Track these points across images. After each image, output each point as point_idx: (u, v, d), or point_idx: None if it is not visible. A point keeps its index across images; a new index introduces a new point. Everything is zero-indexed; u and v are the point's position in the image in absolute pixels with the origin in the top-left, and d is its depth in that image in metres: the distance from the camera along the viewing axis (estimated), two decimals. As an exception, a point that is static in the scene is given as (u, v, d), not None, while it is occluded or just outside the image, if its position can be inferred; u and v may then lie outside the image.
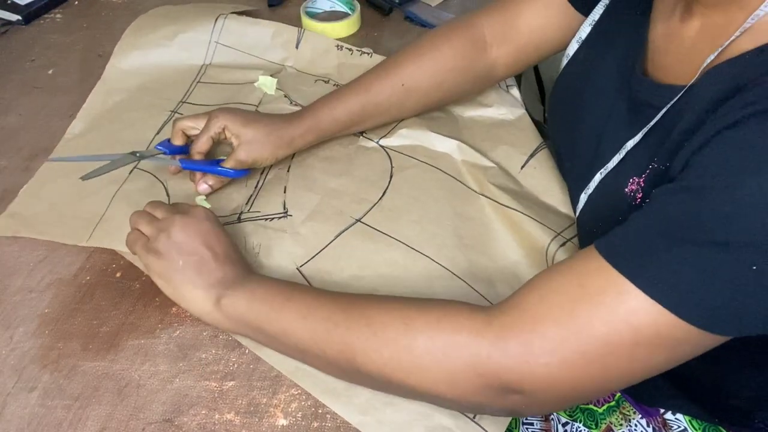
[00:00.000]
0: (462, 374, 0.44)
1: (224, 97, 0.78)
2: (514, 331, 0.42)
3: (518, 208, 0.64)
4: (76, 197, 0.66)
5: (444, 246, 0.62)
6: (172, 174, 0.68)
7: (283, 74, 0.83)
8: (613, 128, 0.54)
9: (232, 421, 0.50)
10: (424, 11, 0.96)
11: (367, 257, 0.61)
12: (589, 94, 0.59)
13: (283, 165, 0.70)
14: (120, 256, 0.62)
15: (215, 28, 0.84)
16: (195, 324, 0.56)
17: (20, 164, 0.72)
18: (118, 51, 0.82)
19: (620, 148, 0.51)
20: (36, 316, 0.57)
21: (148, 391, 0.52)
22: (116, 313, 0.57)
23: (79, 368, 0.53)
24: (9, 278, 0.60)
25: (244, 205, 0.66)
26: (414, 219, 0.64)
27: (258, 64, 0.84)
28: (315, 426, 0.50)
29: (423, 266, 0.60)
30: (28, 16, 0.95)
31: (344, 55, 0.85)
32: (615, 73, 0.56)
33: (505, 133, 0.74)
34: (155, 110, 0.76)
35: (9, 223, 0.64)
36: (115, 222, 0.63)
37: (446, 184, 0.68)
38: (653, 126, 0.48)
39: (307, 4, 0.92)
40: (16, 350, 0.55)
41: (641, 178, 0.48)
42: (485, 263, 0.61)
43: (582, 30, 0.63)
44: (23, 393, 0.52)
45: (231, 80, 0.81)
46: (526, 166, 0.70)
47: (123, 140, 0.72)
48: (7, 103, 0.81)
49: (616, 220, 0.49)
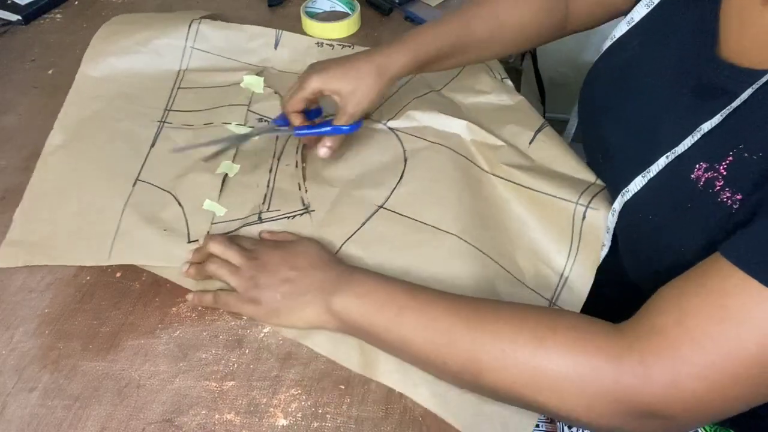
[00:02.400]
0: (600, 399, 0.43)
1: (211, 101, 0.77)
2: (657, 358, 0.41)
3: (533, 186, 0.65)
4: (78, 217, 0.63)
5: (468, 225, 0.62)
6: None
7: (266, 74, 0.82)
8: (676, 112, 0.53)
9: (232, 421, 0.50)
10: (424, 11, 0.96)
11: (396, 240, 0.61)
12: (645, 78, 0.58)
13: (290, 161, 0.70)
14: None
15: (190, 34, 0.83)
16: (195, 324, 0.56)
17: (20, 164, 0.72)
18: (88, 58, 0.79)
19: (691, 132, 0.50)
20: (36, 316, 0.57)
21: (148, 391, 0.52)
22: (116, 313, 0.57)
23: (79, 368, 0.54)
24: (9, 278, 0.60)
25: (261, 204, 0.65)
26: (434, 201, 0.64)
27: (237, 66, 0.83)
28: (315, 426, 0.50)
29: (450, 245, 0.60)
30: (28, 16, 0.95)
31: (325, 52, 0.85)
32: (678, 56, 0.55)
33: (508, 116, 0.75)
34: (142, 120, 0.74)
35: (15, 252, 0.61)
36: (131, 236, 0.61)
37: (459, 164, 0.68)
38: (733, 111, 0.47)
39: (307, 4, 0.92)
40: (16, 350, 0.55)
41: (720, 165, 0.46)
42: (505, 240, 0.62)
43: (635, 11, 0.62)
44: (23, 393, 0.52)
45: (213, 83, 0.80)
46: (534, 140, 0.71)
47: (115, 152, 0.70)
48: (7, 103, 0.81)
49: (676, 204, 0.48)
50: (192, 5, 0.98)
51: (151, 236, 0.61)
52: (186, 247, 0.61)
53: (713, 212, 0.47)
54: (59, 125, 0.73)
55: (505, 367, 0.45)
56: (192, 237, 0.62)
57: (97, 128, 0.73)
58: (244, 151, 0.71)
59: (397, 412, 0.51)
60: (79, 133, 0.72)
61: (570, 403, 0.44)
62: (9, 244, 0.62)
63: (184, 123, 0.74)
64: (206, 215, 0.64)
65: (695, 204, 0.48)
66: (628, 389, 0.42)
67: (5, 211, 0.66)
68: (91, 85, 0.78)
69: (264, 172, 0.69)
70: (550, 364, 0.44)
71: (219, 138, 0.67)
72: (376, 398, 0.51)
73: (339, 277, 0.53)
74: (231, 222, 0.64)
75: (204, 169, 0.68)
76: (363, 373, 0.53)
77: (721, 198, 0.46)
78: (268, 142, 0.73)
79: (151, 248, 0.61)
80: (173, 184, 0.67)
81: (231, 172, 0.68)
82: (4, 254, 0.61)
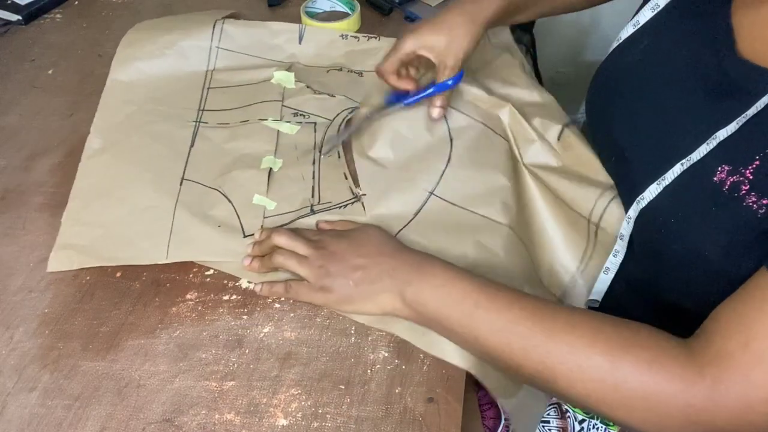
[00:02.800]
0: (673, 420, 0.44)
1: (243, 99, 0.77)
2: (729, 384, 0.42)
3: (558, 188, 0.66)
4: (130, 217, 0.63)
5: (515, 217, 0.64)
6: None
7: (294, 69, 0.82)
8: (689, 117, 0.53)
9: (232, 421, 0.50)
10: (424, 11, 0.96)
11: (451, 228, 0.62)
12: (653, 81, 0.58)
13: (331, 152, 0.71)
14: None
15: (214, 34, 0.83)
16: (195, 324, 0.56)
17: (20, 164, 0.72)
18: (116, 65, 0.80)
19: (706, 138, 0.50)
20: (36, 316, 0.57)
21: (148, 391, 0.52)
22: (116, 313, 0.57)
23: (79, 368, 0.54)
24: (9, 278, 0.60)
25: (311, 198, 0.66)
26: (483, 189, 0.65)
27: (264, 64, 0.84)
28: (315, 426, 0.50)
29: (504, 237, 0.62)
30: (28, 16, 0.94)
31: (350, 43, 0.85)
32: (689, 60, 0.55)
33: (537, 111, 0.75)
34: (177, 121, 0.74)
35: (68, 255, 0.61)
36: (187, 234, 0.62)
37: (502, 148, 0.69)
38: (758, 114, 0.47)
39: (307, 4, 0.93)
40: (16, 350, 0.55)
41: (746, 169, 0.47)
42: (530, 234, 0.65)
43: (641, 14, 0.62)
44: (23, 393, 0.52)
45: (242, 81, 0.80)
46: (562, 136, 0.71)
47: (157, 153, 0.70)
48: (7, 103, 0.81)
49: (701, 209, 0.48)
50: (192, 5, 0.98)
51: (206, 233, 0.62)
52: (243, 241, 0.61)
53: (738, 217, 0.47)
54: (95, 130, 0.73)
55: (580, 380, 0.46)
56: (247, 232, 0.62)
57: (134, 131, 0.73)
58: (285, 145, 0.72)
59: (397, 412, 0.51)
60: (116, 136, 0.72)
61: (642, 420, 0.45)
62: (61, 247, 0.62)
63: (219, 122, 0.75)
64: (257, 210, 0.65)
65: (720, 208, 0.48)
66: (701, 413, 0.43)
67: (5, 211, 0.66)
68: (122, 90, 0.78)
69: (307, 164, 0.70)
70: (625, 384, 0.45)
71: (349, 129, 0.69)
72: (376, 398, 0.51)
73: (411, 266, 0.54)
74: (283, 215, 0.64)
75: (247, 165, 0.68)
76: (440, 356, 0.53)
77: (747, 202, 0.46)
78: (307, 135, 0.73)
79: (208, 244, 0.61)
80: (219, 181, 0.67)
81: (275, 167, 0.69)
82: (57, 258, 0.61)
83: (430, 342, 0.54)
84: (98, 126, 0.73)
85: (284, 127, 0.74)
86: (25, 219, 0.66)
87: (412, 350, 0.54)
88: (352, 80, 0.82)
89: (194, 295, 0.59)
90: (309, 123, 0.74)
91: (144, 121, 0.74)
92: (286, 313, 0.57)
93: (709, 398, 0.42)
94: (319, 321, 0.57)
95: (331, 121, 0.75)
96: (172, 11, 0.97)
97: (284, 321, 0.57)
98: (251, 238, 0.62)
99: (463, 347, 0.53)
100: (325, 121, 0.75)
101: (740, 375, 0.42)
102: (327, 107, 0.77)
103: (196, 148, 0.71)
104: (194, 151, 0.71)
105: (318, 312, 0.57)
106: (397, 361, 0.54)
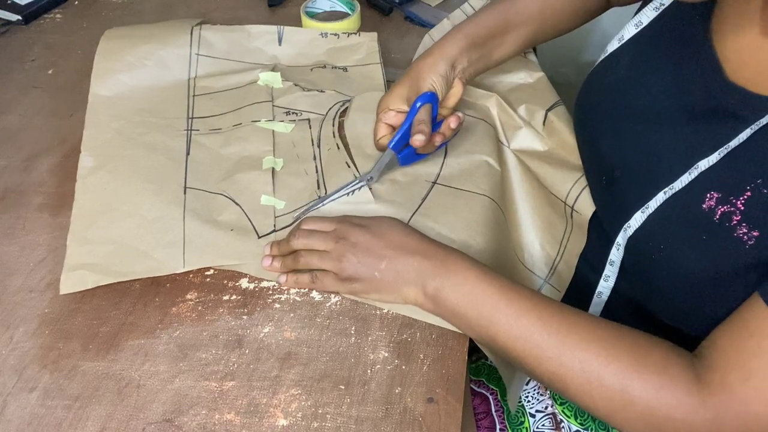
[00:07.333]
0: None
1: (231, 103, 0.76)
2: (730, 416, 0.44)
3: (539, 173, 0.71)
4: (140, 230, 0.62)
5: (499, 194, 0.67)
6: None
7: (278, 69, 0.81)
8: (674, 145, 0.53)
9: (232, 421, 0.50)
10: (424, 11, 0.96)
11: (462, 211, 0.64)
12: (638, 103, 0.58)
13: (330, 145, 0.71)
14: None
15: (193, 41, 0.82)
16: (195, 324, 0.56)
17: (20, 164, 0.72)
18: (96, 79, 0.77)
19: (689, 168, 0.50)
20: (36, 316, 0.57)
21: (148, 391, 0.52)
22: (116, 313, 0.57)
23: (79, 368, 0.54)
24: (9, 278, 0.60)
25: (317, 190, 0.67)
26: (481, 172, 0.68)
27: (246, 67, 0.82)
28: (315, 426, 0.50)
29: (507, 217, 0.67)
30: (28, 16, 0.94)
31: (331, 41, 0.86)
32: (672, 84, 0.55)
33: (524, 95, 0.77)
34: (169, 131, 0.73)
35: (82, 275, 0.59)
36: (201, 240, 0.61)
37: (492, 137, 0.72)
38: (745, 142, 0.47)
39: (307, 4, 0.93)
40: (16, 350, 0.55)
41: (738, 200, 0.47)
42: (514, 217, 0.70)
43: (626, 30, 0.62)
44: (23, 393, 0.52)
45: (227, 86, 0.79)
46: (547, 121, 0.74)
47: (155, 165, 0.69)
48: (7, 103, 0.81)
49: (690, 237, 0.49)
50: (192, 5, 0.98)
51: (220, 238, 0.61)
52: (258, 242, 0.62)
53: (727, 247, 0.47)
54: (85, 148, 0.70)
55: (589, 394, 0.49)
56: (260, 232, 0.63)
57: (127, 145, 0.71)
58: (282, 144, 0.72)
59: (397, 412, 0.51)
60: (110, 152, 0.70)
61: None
62: (71, 269, 0.59)
63: (211, 128, 0.74)
64: (267, 210, 0.65)
65: (711, 237, 0.49)
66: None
67: (5, 211, 0.66)
68: (107, 105, 0.76)
69: (308, 160, 0.70)
70: (633, 406, 0.47)
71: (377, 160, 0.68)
72: (376, 398, 0.51)
73: (436, 261, 0.54)
74: (294, 213, 0.65)
75: (249, 167, 0.68)
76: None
77: (738, 233, 0.47)
78: (303, 132, 0.73)
79: (223, 249, 0.61)
80: (223, 186, 0.67)
81: (277, 167, 0.69)
82: (70, 279, 0.59)
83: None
84: (88, 144, 0.70)
85: (279, 127, 0.73)
86: (25, 219, 0.66)
87: (412, 350, 0.54)
88: (338, 76, 0.82)
89: (194, 295, 0.59)
90: (303, 120, 0.74)
91: (135, 133, 0.72)
92: (286, 313, 0.57)
93: (712, 425, 0.45)
94: (319, 321, 0.57)
95: (324, 116, 0.75)
96: (173, 11, 0.97)
97: (284, 321, 0.57)
98: (266, 239, 0.62)
99: (480, 344, 0.54)
100: (318, 116, 0.75)
101: (741, 407, 0.44)
102: (318, 103, 0.76)
103: (192, 156, 0.70)
104: (191, 159, 0.70)
105: (318, 312, 0.57)
106: (397, 362, 0.54)
